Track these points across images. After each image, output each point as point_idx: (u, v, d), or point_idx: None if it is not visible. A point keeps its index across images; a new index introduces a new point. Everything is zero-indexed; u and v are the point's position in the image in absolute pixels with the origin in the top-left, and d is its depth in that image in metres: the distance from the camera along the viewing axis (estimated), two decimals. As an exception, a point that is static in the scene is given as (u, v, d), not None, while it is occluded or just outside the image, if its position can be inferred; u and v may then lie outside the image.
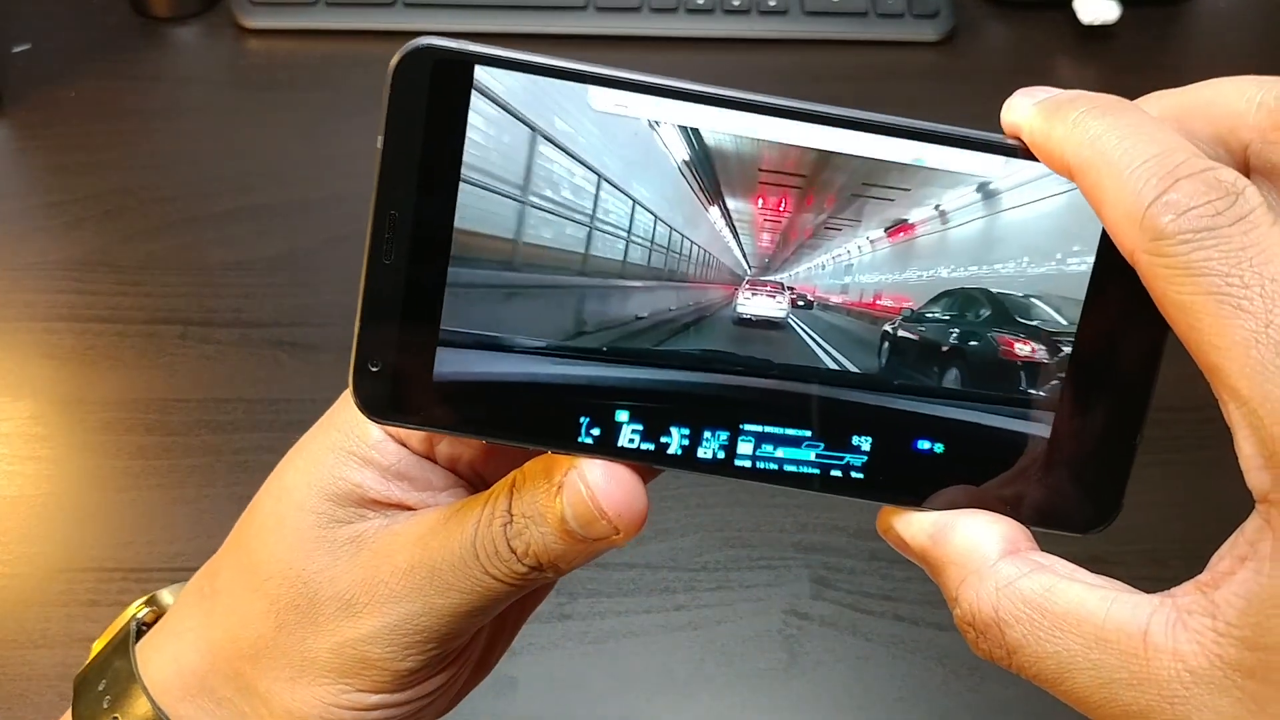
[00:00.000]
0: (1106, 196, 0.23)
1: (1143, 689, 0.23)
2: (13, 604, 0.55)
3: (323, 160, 0.76)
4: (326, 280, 0.69)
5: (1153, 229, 0.22)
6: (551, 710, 0.52)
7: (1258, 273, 0.22)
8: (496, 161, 0.27)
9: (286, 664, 0.31)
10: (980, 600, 0.26)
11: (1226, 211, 0.22)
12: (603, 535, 0.29)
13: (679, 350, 0.29)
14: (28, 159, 0.79)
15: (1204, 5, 0.90)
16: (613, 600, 0.55)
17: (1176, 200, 0.22)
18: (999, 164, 0.27)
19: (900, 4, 0.86)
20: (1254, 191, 0.22)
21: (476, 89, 0.26)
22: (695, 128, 0.27)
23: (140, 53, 0.85)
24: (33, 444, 0.62)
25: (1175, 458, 0.60)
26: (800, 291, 0.28)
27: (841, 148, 0.27)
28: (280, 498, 0.32)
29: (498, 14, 0.86)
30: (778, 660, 0.54)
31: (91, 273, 0.70)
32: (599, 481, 0.28)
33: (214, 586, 0.33)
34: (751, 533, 0.58)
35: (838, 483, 0.29)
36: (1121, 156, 0.23)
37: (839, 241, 0.28)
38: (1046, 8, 0.87)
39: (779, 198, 0.27)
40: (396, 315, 0.28)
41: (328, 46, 0.85)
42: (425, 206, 0.27)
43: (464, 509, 0.30)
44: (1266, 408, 0.21)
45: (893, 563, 0.57)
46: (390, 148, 0.27)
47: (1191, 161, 0.23)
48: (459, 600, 0.30)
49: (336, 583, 0.31)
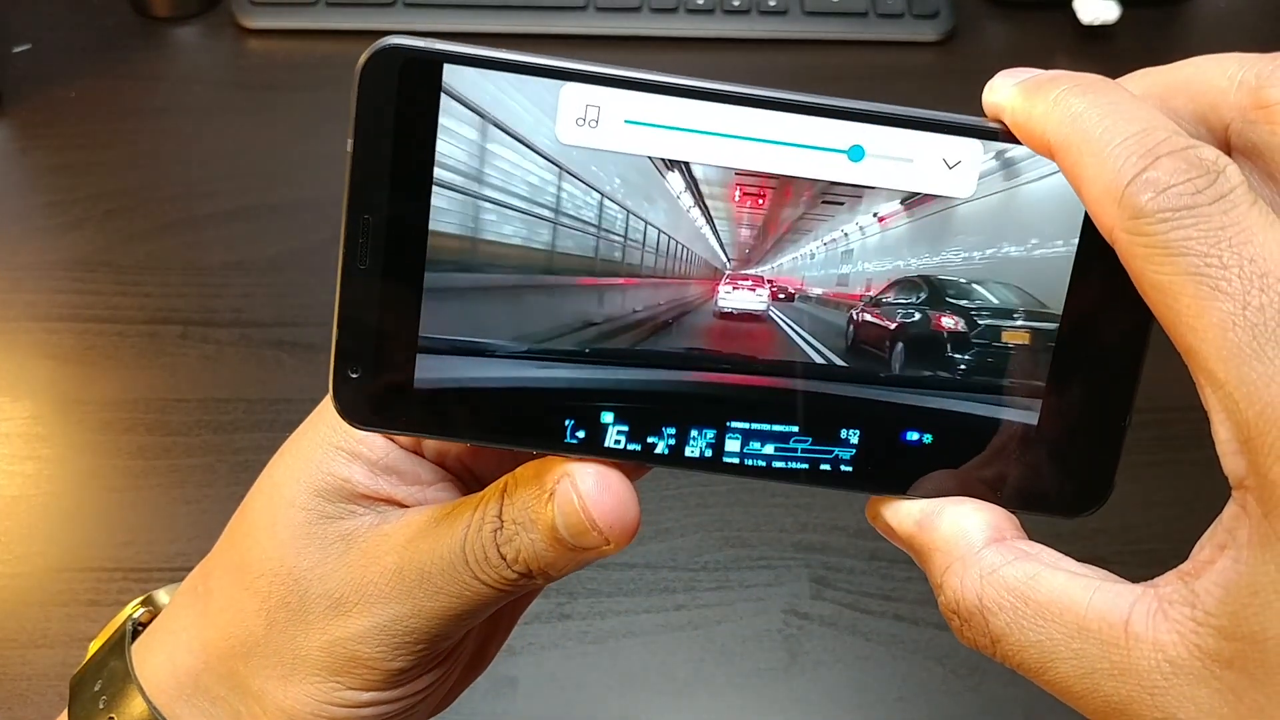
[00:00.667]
0: (1086, 174, 0.23)
1: (1124, 679, 0.23)
2: (13, 604, 0.55)
3: (323, 160, 0.76)
4: (326, 280, 0.69)
5: (1132, 207, 0.22)
6: (551, 710, 0.52)
7: (1236, 253, 0.21)
8: (470, 162, 0.26)
9: (278, 662, 0.31)
10: (964, 588, 0.26)
11: (1206, 190, 0.22)
12: (593, 545, 0.29)
13: (662, 350, 0.28)
14: (28, 159, 0.79)
15: (1204, 5, 0.90)
16: (613, 600, 0.55)
17: (1156, 178, 0.22)
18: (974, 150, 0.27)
19: (900, 4, 0.86)
20: (1234, 170, 0.22)
21: (445, 88, 0.26)
22: (679, 126, 0.27)
23: (140, 53, 0.85)
24: (33, 444, 0.62)
25: (1175, 457, 0.60)
26: (780, 284, 0.28)
27: (817, 141, 0.27)
28: (270, 495, 0.32)
29: (498, 14, 0.86)
30: (778, 660, 0.54)
31: (91, 273, 0.70)
32: (591, 491, 0.28)
33: (207, 586, 0.33)
34: (751, 533, 0.58)
35: (827, 476, 0.29)
36: (1102, 134, 0.23)
37: (816, 234, 0.28)
38: (1046, 8, 0.87)
39: (756, 192, 0.27)
40: (373, 321, 0.27)
41: (328, 46, 0.85)
42: (398, 209, 0.27)
43: (454, 512, 0.30)
44: (1242, 391, 0.21)
45: (893, 563, 0.57)
46: (360, 150, 0.26)
47: (1173, 139, 0.22)
48: (448, 603, 0.30)
49: (326, 581, 0.31)
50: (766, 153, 0.26)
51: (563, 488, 0.28)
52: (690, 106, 0.26)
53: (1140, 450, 0.59)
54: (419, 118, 0.26)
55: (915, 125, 0.27)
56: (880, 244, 0.27)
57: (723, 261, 0.28)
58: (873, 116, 0.27)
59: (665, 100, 0.26)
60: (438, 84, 0.26)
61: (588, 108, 0.26)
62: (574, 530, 0.28)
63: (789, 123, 0.26)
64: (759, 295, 0.28)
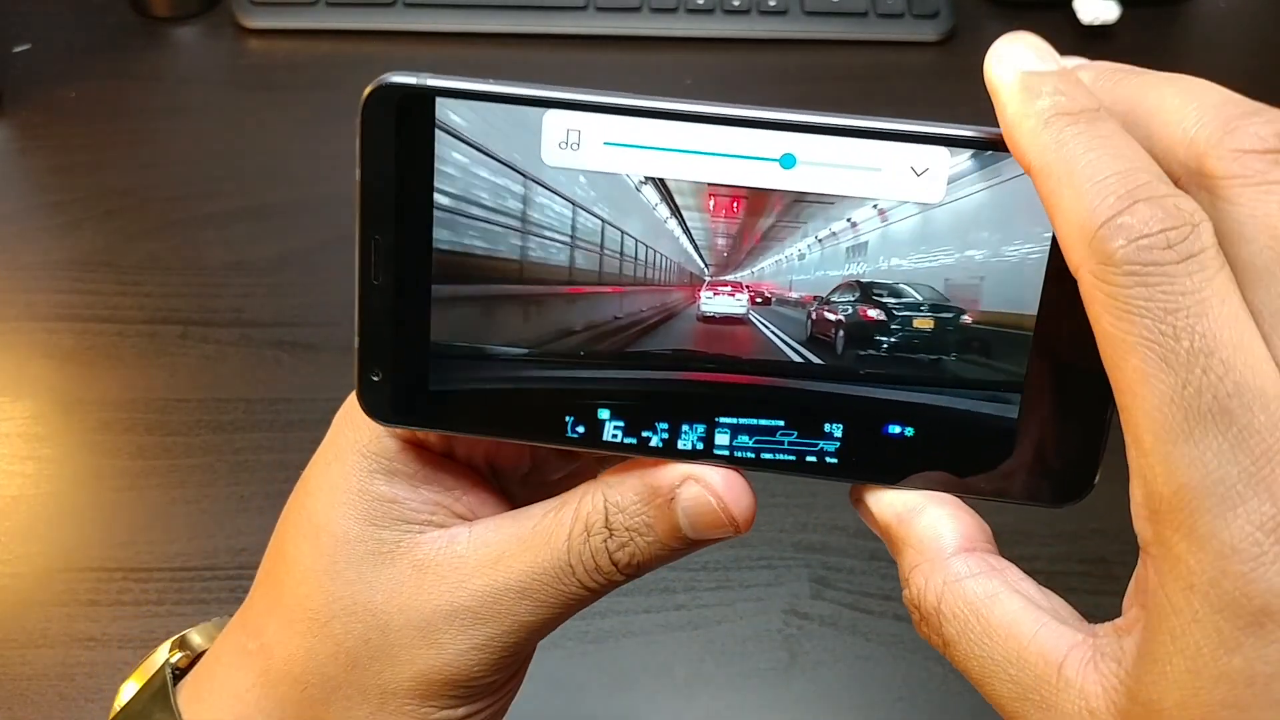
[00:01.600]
0: (1062, 204, 0.23)
1: (1049, 715, 0.24)
2: (13, 604, 0.55)
3: (323, 160, 0.76)
4: (326, 280, 0.69)
5: (1101, 251, 0.22)
6: (551, 710, 0.52)
7: (1189, 326, 0.21)
8: (465, 185, 0.29)
9: (363, 700, 0.31)
10: (927, 589, 0.27)
11: (1178, 245, 0.21)
12: (720, 537, 0.30)
13: (654, 351, 0.30)
14: (28, 159, 0.79)
15: (1204, 5, 0.90)
16: (612, 600, 0.55)
17: (1130, 224, 0.22)
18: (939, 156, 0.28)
19: (900, 4, 0.86)
20: (1208, 229, 0.22)
21: (439, 120, 0.28)
22: (652, 145, 0.28)
23: (140, 53, 0.86)
24: (33, 444, 0.62)
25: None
26: (757, 289, 0.30)
27: (760, 152, 0.28)
28: (316, 535, 0.31)
29: (498, 14, 0.86)
30: (778, 660, 0.54)
31: (92, 273, 0.70)
32: (724, 489, 0.30)
33: (262, 643, 0.32)
34: (751, 533, 0.58)
35: (814, 468, 0.30)
36: (1084, 168, 0.23)
37: (789, 242, 0.29)
38: (1046, 8, 0.87)
39: (729, 203, 0.29)
40: (390, 329, 0.30)
41: (328, 46, 0.85)
42: (403, 231, 0.29)
43: (541, 527, 0.31)
44: (1164, 467, 0.22)
45: (892, 563, 0.56)
46: (366, 179, 0.29)
47: (1154, 185, 0.22)
48: (549, 613, 0.31)
49: (407, 612, 0.30)
50: (734, 167, 0.28)
51: (692, 490, 0.30)
52: (663, 127, 0.28)
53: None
54: (417, 147, 0.29)
55: (871, 136, 0.28)
56: (847, 250, 0.29)
57: (701, 268, 0.30)
58: (849, 132, 0.28)
59: (640, 122, 0.28)
60: (431, 116, 0.28)
61: (569, 132, 0.28)
62: (704, 526, 0.30)
63: (755, 138, 0.28)
64: (738, 300, 0.30)
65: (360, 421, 0.31)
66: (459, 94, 0.28)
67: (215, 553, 0.57)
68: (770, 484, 0.60)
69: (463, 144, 0.29)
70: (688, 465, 0.30)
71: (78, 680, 0.52)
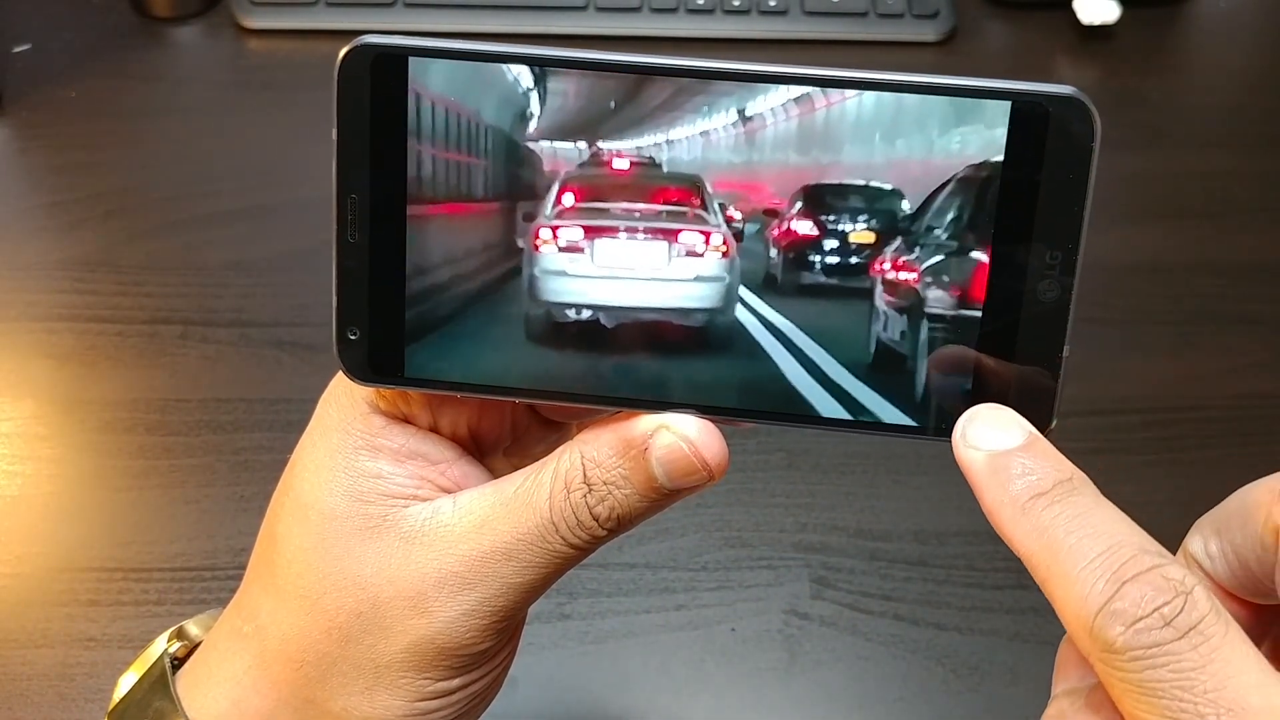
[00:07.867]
0: (1056, 594, 0.23)
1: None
2: (13, 604, 0.55)
3: (323, 160, 0.76)
4: (326, 280, 0.69)
5: (1103, 641, 0.22)
6: (551, 710, 0.52)
7: (1212, 700, 0.21)
8: (439, 143, 0.30)
9: (358, 675, 0.31)
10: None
11: (1176, 620, 0.22)
12: (697, 485, 0.30)
13: (625, 306, 0.31)
14: (28, 159, 0.79)
15: (1204, 5, 0.90)
16: (613, 600, 0.55)
17: (1123, 609, 0.22)
18: None
19: (900, 4, 0.86)
20: (1202, 593, 0.22)
21: (412, 79, 0.29)
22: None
23: (140, 53, 0.86)
24: (34, 444, 0.62)
25: (1176, 457, 0.60)
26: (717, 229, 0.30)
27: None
28: (303, 515, 0.32)
29: (498, 14, 0.86)
30: (778, 660, 0.54)
31: (92, 273, 0.70)
32: (698, 435, 0.30)
33: (257, 625, 0.32)
34: (751, 533, 0.58)
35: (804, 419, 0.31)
36: (1067, 555, 0.23)
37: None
38: (1046, 8, 0.87)
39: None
40: (366, 287, 0.31)
41: (328, 46, 0.85)
42: (378, 189, 0.30)
43: (522, 489, 0.31)
44: None
45: (892, 563, 0.57)
46: (343, 139, 0.30)
47: (1139, 559, 0.22)
48: (536, 574, 0.31)
49: (397, 583, 0.31)
50: None
51: (665, 439, 0.30)
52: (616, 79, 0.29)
53: (1140, 450, 0.59)
54: (392, 106, 0.29)
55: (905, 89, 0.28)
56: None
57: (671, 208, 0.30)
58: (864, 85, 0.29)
59: (590, 75, 0.29)
60: (405, 76, 0.29)
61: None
62: (678, 474, 0.30)
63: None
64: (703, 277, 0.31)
65: (345, 400, 0.32)
66: (431, 52, 0.29)
67: (215, 553, 0.57)
68: (770, 484, 0.60)
69: (436, 104, 0.30)
70: (660, 415, 0.30)
71: (78, 680, 0.52)
